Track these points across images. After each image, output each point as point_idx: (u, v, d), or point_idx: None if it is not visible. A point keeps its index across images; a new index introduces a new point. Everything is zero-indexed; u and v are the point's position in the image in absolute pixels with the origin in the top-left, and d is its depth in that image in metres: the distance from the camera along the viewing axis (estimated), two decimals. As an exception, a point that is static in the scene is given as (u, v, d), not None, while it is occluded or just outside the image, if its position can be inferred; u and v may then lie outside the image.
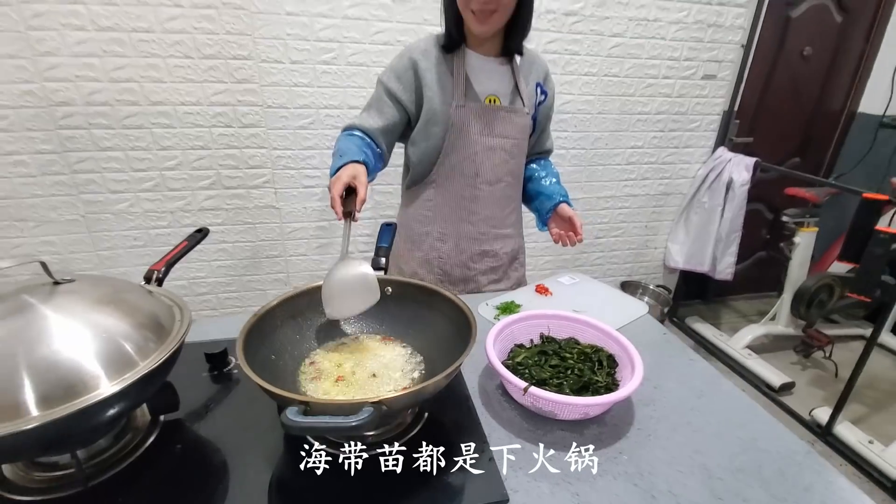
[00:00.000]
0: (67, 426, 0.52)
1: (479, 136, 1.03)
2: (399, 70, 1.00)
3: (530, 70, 1.07)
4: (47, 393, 0.52)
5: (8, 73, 1.50)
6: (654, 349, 0.93)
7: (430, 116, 1.01)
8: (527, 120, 1.06)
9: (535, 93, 1.08)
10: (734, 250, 2.23)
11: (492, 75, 1.02)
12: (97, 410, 0.55)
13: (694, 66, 2.11)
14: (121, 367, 0.57)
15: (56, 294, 0.59)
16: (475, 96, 1.01)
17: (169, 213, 1.77)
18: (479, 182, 1.07)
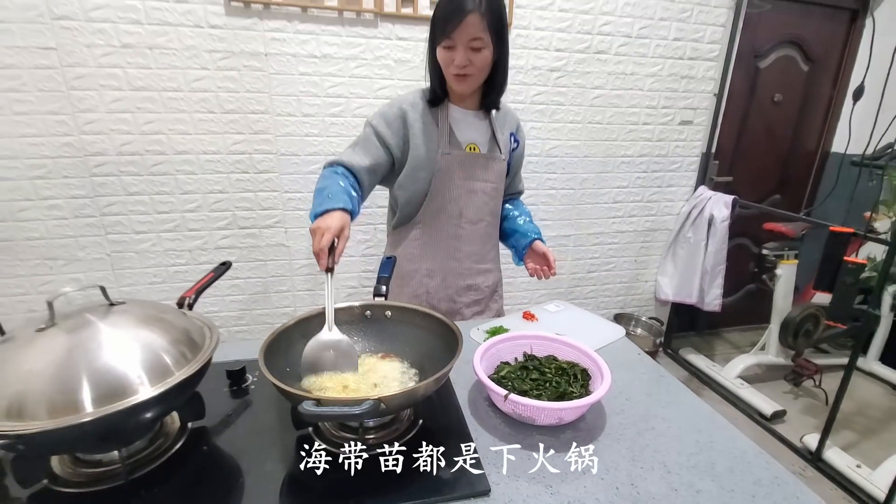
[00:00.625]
0: (115, 422, 0.63)
1: (462, 180, 1.14)
2: (389, 117, 1.09)
3: (504, 122, 1.19)
4: (101, 394, 0.63)
5: (50, 127, 1.69)
6: (629, 368, 1.03)
7: (417, 162, 1.11)
8: (503, 165, 1.18)
9: (510, 141, 1.20)
10: (720, 282, 2.33)
11: (471, 126, 1.14)
12: (139, 410, 0.65)
13: (671, 112, 2.29)
14: (160, 376, 0.68)
15: (111, 313, 0.71)
16: (458, 144, 1.12)
17: (187, 251, 1.91)
18: (462, 222, 1.17)
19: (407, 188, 1.14)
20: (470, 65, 1.01)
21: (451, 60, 1.01)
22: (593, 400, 0.78)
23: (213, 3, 1.67)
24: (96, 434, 0.63)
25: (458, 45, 0.99)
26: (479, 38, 0.99)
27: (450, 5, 0.98)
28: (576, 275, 2.43)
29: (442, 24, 0.99)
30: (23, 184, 1.72)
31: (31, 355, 0.63)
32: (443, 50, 1.02)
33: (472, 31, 0.97)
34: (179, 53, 1.70)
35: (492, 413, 0.85)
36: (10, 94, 1.63)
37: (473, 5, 0.96)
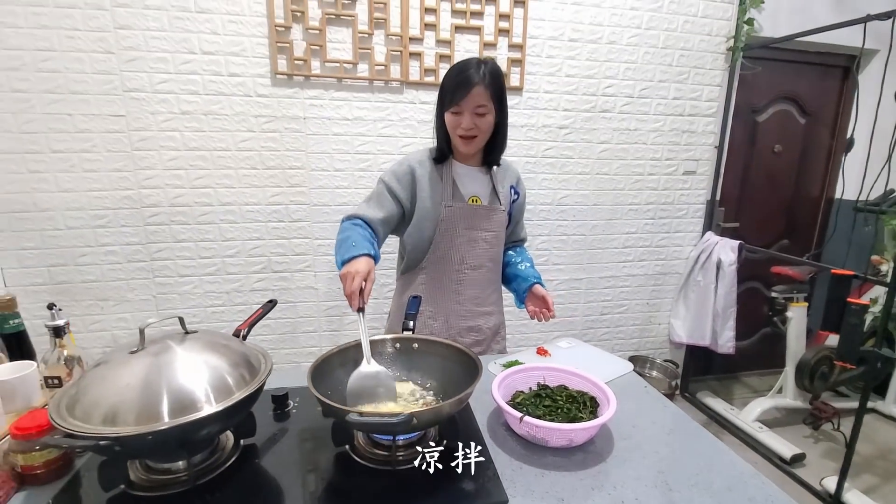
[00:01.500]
0: (186, 432, 0.75)
1: (464, 229, 1.24)
2: (399, 174, 1.22)
3: (504, 176, 1.31)
4: (176, 407, 0.75)
5: (113, 183, 1.91)
6: (636, 398, 1.11)
7: (423, 213, 1.22)
8: (503, 216, 1.28)
9: (510, 193, 1.31)
10: (732, 325, 2.38)
11: (474, 180, 1.26)
12: (206, 423, 0.77)
13: (674, 164, 2.44)
14: (223, 394, 0.80)
15: (186, 340, 0.84)
16: (461, 197, 1.24)
17: (225, 293, 2.07)
18: (464, 268, 1.27)
19: (414, 237, 1.27)
20: (475, 128, 1.15)
21: (459, 124, 1.15)
22: (601, 422, 0.86)
23: (262, 76, 1.92)
24: (172, 441, 0.75)
25: (465, 112, 1.14)
26: (483, 106, 1.14)
27: (458, 77, 1.13)
28: (589, 317, 2.50)
29: (451, 93, 1.14)
30: (85, 232, 1.92)
31: (126, 373, 0.76)
32: (451, 115, 1.16)
33: (477, 99, 1.12)
34: (230, 118, 1.93)
35: (508, 436, 0.94)
36: (83, 155, 1.87)
37: (479, 78, 1.12)
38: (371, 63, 1.99)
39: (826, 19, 2.27)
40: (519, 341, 2.40)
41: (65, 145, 1.85)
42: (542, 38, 2.14)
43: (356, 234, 1.10)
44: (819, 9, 2.39)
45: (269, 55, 1.91)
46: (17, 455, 0.78)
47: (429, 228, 1.24)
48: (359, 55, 1.97)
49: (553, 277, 2.39)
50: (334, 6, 1.92)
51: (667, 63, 2.31)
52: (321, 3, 1.91)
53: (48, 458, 0.79)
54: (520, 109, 2.18)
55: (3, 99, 1.77)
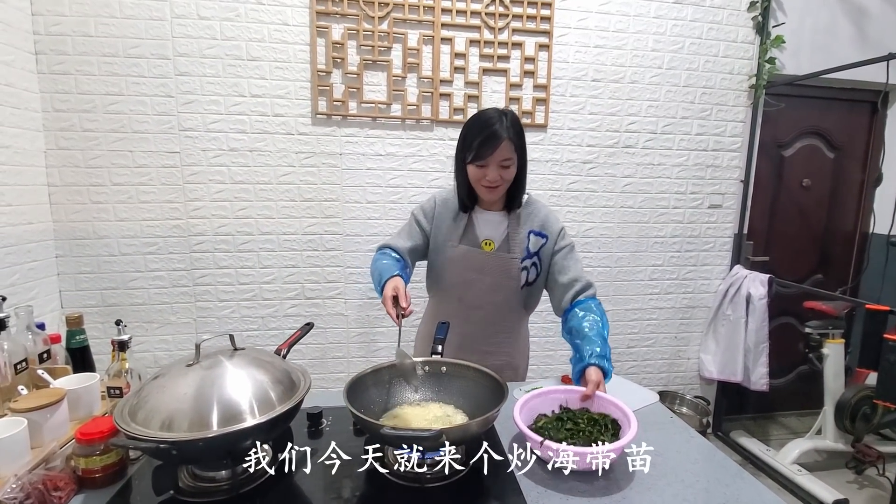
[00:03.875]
0: (232, 440, 0.81)
1: (463, 269, 1.30)
2: (427, 209, 1.34)
3: (526, 220, 1.29)
4: (224, 416, 0.81)
5: (165, 213, 2.06)
6: (661, 429, 1.11)
7: (434, 247, 1.33)
8: (512, 263, 1.27)
9: (527, 238, 1.28)
10: (765, 360, 2.32)
11: (490, 224, 1.29)
12: (249, 434, 0.83)
13: (699, 197, 2.46)
14: (266, 407, 0.86)
15: (235, 356, 0.92)
16: (474, 240, 1.28)
17: (260, 318, 2.17)
18: (462, 306, 1.33)
19: (431, 263, 1.38)
20: (500, 178, 1.18)
21: (483, 176, 1.18)
22: (621, 445, 0.88)
23: (303, 116, 2.08)
24: (220, 448, 0.81)
25: (490, 165, 1.16)
26: (509, 159, 1.17)
27: (484, 131, 1.14)
28: (615, 349, 2.47)
29: (477, 148, 1.14)
30: (136, 258, 2.07)
31: (182, 384, 0.84)
32: (475, 168, 1.18)
33: (503, 153, 1.15)
34: (272, 154, 2.08)
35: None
36: (139, 187, 2.04)
37: (505, 133, 1.14)
38: (404, 103, 2.12)
39: (848, 56, 2.30)
40: (544, 372, 2.40)
41: (124, 178, 2.03)
42: (566, 79, 2.24)
43: (385, 264, 1.21)
44: (841, 46, 2.43)
45: (311, 97, 2.07)
46: (80, 459, 0.86)
47: (438, 262, 1.34)
48: (392, 96, 2.11)
49: (578, 309, 2.40)
50: (371, 52, 2.08)
51: (689, 101, 2.37)
52: (359, 50, 2.07)
53: (106, 462, 0.87)
54: (544, 145, 2.27)
55: (74, 137, 1.97)
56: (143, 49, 1.96)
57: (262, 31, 2.01)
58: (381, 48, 2.08)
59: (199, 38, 1.98)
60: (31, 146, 1.91)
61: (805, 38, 2.42)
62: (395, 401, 1.04)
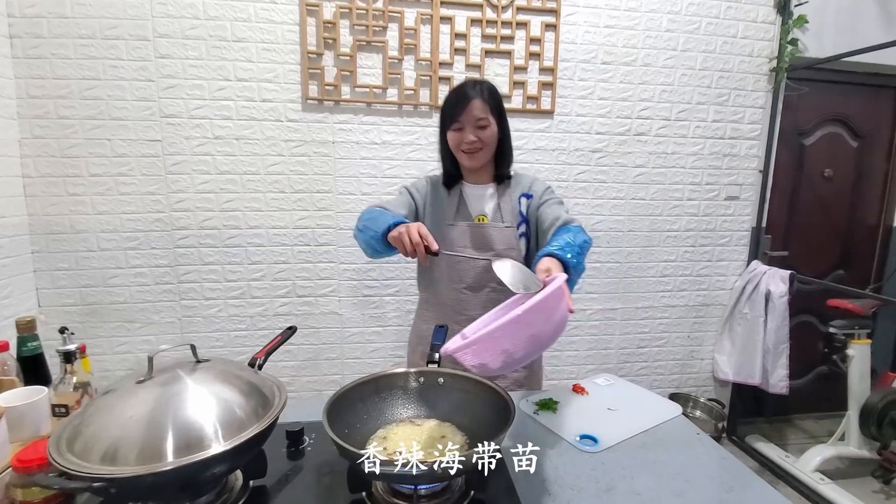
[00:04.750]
0: (192, 473, 0.68)
1: (464, 248, 1.22)
2: (419, 186, 1.29)
3: (516, 188, 1.26)
4: (181, 445, 0.69)
5: (147, 206, 1.94)
6: (687, 448, 0.98)
7: (429, 228, 1.20)
8: (509, 232, 1.22)
9: (518, 203, 1.24)
10: (784, 362, 2.19)
11: (481, 199, 1.25)
12: (213, 463, 0.70)
13: (716, 188, 2.32)
14: (233, 431, 0.74)
15: (197, 370, 0.79)
16: (467, 216, 1.24)
17: (249, 317, 2.05)
18: (462, 287, 1.24)
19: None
20: (478, 141, 1.16)
21: (461, 139, 1.17)
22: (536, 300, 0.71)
23: (293, 101, 1.94)
24: (175, 483, 0.69)
25: (466, 126, 1.16)
26: (483, 119, 1.15)
27: (455, 95, 1.18)
28: (625, 350, 2.36)
29: (450, 111, 1.17)
30: (117, 254, 1.95)
31: (130, 405, 0.71)
32: (453, 133, 1.18)
33: (476, 112, 1.15)
34: (260, 143, 1.95)
35: (544, 488, 0.84)
36: (119, 178, 1.91)
37: (475, 93, 1.15)
38: (400, 88, 1.98)
39: (874, 38, 2.14)
40: (549, 374, 2.27)
41: (102, 169, 1.90)
42: (574, 62, 2.09)
43: (387, 212, 1.11)
44: (867, 27, 2.27)
45: (301, 81, 1.93)
46: (17, 489, 0.74)
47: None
48: (388, 80, 1.97)
49: (586, 307, 2.27)
50: (365, 33, 1.93)
51: (705, 85, 2.22)
52: (353, 30, 1.93)
53: (47, 494, 0.74)
54: (551, 133, 2.13)
55: (50, 125, 1.84)
56: (122, 30, 1.82)
57: (248, 9, 1.87)
58: (376, 28, 1.93)
59: (181, 18, 1.84)
60: (5, 135, 1.78)
61: (829, 18, 2.26)
62: (385, 417, 0.91)
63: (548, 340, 0.76)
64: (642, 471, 0.89)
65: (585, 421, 1.05)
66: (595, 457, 0.93)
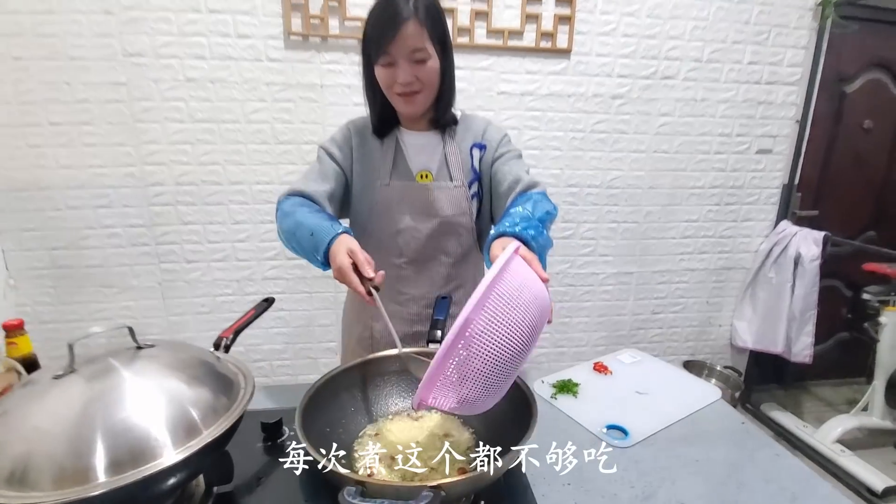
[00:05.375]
0: (131, 493, 0.53)
1: (405, 215, 0.98)
2: (339, 140, 1.00)
3: (465, 136, 1.01)
4: (117, 458, 0.54)
5: (115, 158, 1.74)
6: (732, 441, 0.84)
7: (357, 191, 1.00)
8: (459, 193, 0.99)
9: (470, 156, 1.00)
10: (810, 330, 2.05)
11: (424, 151, 0.99)
12: (161, 478, 0.56)
13: (747, 141, 2.09)
14: (186, 435, 0.59)
15: (138, 358, 0.63)
16: (406, 173, 0.98)
17: (235, 281, 1.89)
18: (403, 262, 1.01)
19: (352, 221, 1.03)
20: (415, 81, 0.88)
21: (394, 79, 0.88)
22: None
23: (274, 37, 1.69)
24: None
25: (399, 60, 0.86)
26: (421, 49, 0.86)
27: (383, 15, 0.85)
28: (639, 316, 2.21)
29: (377, 38, 0.86)
30: (86, 213, 1.77)
31: (44, 408, 0.55)
32: (382, 69, 0.88)
33: (411, 41, 0.85)
34: (239, 86, 1.72)
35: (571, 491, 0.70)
36: (82, 128, 1.70)
37: (409, 13, 0.83)
38: (397, 22, 1.73)
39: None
40: (558, 342, 2.14)
41: (63, 117, 1.69)
42: (596, -8, 1.83)
43: (311, 214, 0.85)
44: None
45: (283, 13, 1.68)
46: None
47: (362, 212, 1.01)
48: (383, 13, 1.72)
49: (599, 271, 2.11)
50: (355, -45, 1.66)
51: (743, 21, 1.95)
52: (340, -49, 1.66)
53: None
54: (567, 76, 1.88)
55: (2, 68, 1.62)
56: (71, -50, 1.56)
57: (217, -75, 1.60)
58: (368, -51, 1.66)
59: (139, -64, 1.58)
60: (-47, 79, 1.57)
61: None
62: (378, 409, 0.77)
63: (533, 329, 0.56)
64: (684, 472, 0.75)
65: (612, 407, 0.90)
66: (626, 453, 0.79)
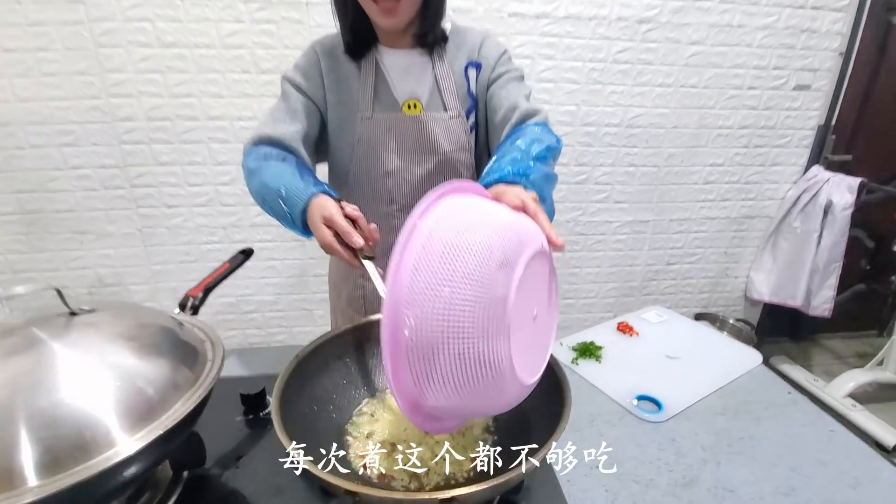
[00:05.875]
0: (72, 498, 0.43)
1: (392, 153, 0.84)
2: (305, 66, 0.82)
3: (458, 52, 0.84)
4: (50, 455, 0.43)
5: (77, 89, 1.54)
6: (779, 415, 0.74)
7: (333, 128, 0.84)
8: (455, 124, 0.84)
9: (465, 77, 0.84)
10: (833, 283, 1.95)
11: (411, 74, 0.83)
12: (110, 476, 0.45)
13: (784, 75, 1.88)
14: (141, 420, 0.48)
15: (71, 327, 0.51)
16: (391, 103, 0.83)
17: (221, 228, 1.75)
18: (394, 209, 0.87)
19: (330, 163, 0.88)
20: None
21: None
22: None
23: (248, -59, 1.45)
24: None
25: None
26: None
27: None
28: (652, 267, 2.10)
29: None
30: (51, 151, 1.60)
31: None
32: None
33: None
34: (212, 4, 1.49)
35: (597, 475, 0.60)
36: (39, 54, 1.49)
37: None
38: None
39: None
40: (566, 293, 2.04)
41: (16, 42, 1.47)
42: None
43: (284, 168, 0.71)
44: None
45: (258, -88, 1.42)
46: None
47: (342, 151, 0.86)
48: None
49: (613, 219, 1.97)
50: None
51: (794, -70, 1.68)
52: None
53: None
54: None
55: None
56: None
57: None
58: None
59: None
60: None
61: None
62: (374, 384, 0.65)
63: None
64: (728, 453, 0.65)
65: (641, 375, 0.80)
66: (661, 429, 0.69)
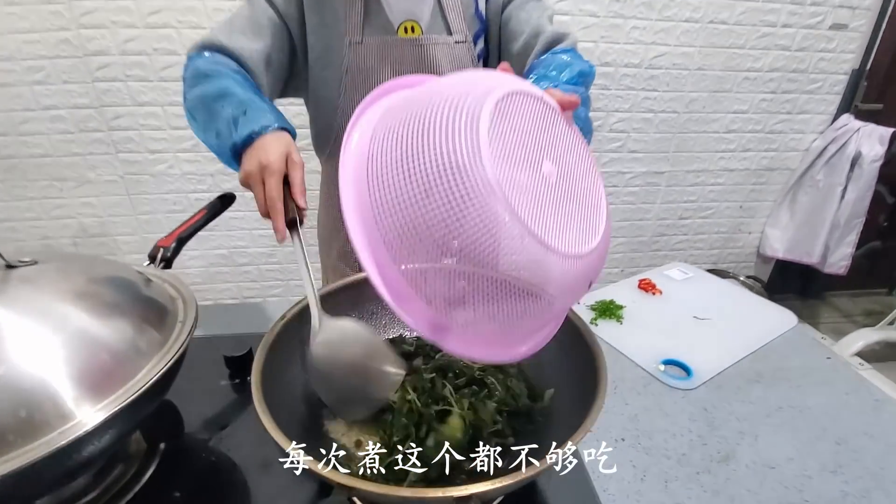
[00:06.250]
0: (20, 482, 0.36)
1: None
2: None
3: None
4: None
5: (45, 20, 1.38)
6: (820, 381, 0.68)
7: (318, 55, 0.72)
8: (461, 51, 0.73)
9: (472, 0, 0.71)
10: (853, 239, 1.87)
11: None
12: (66, 455, 0.38)
13: (822, 12, 1.71)
14: (99, 390, 0.40)
15: (9, 283, 0.42)
16: (384, 25, 0.70)
17: (209, 175, 1.64)
18: None
19: (313, 94, 0.75)
20: None
21: None
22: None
23: None
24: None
25: None
26: None
27: None
28: (664, 221, 2.01)
29: None
30: (22, 90, 1.46)
31: None
32: None
33: None
34: (184, -85, 1.31)
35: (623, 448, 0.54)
36: (-6, -25, 1.33)
37: None
38: None
39: None
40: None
41: (-33, -40, 1.30)
42: None
43: (234, 87, 0.58)
44: None
45: None
46: None
47: (330, 82, 0.73)
48: None
49: (626, 169, 1.85)
50: None
51: None
52: None
53: None
54: (614, -88, 1.45)
55: None
56: None
57: None
58: None
59: None
60: None
61: None
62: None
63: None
64: (767, 424, 0.59)
65: (666, 337, 0.73)
66: (690, 397, 0.63)
